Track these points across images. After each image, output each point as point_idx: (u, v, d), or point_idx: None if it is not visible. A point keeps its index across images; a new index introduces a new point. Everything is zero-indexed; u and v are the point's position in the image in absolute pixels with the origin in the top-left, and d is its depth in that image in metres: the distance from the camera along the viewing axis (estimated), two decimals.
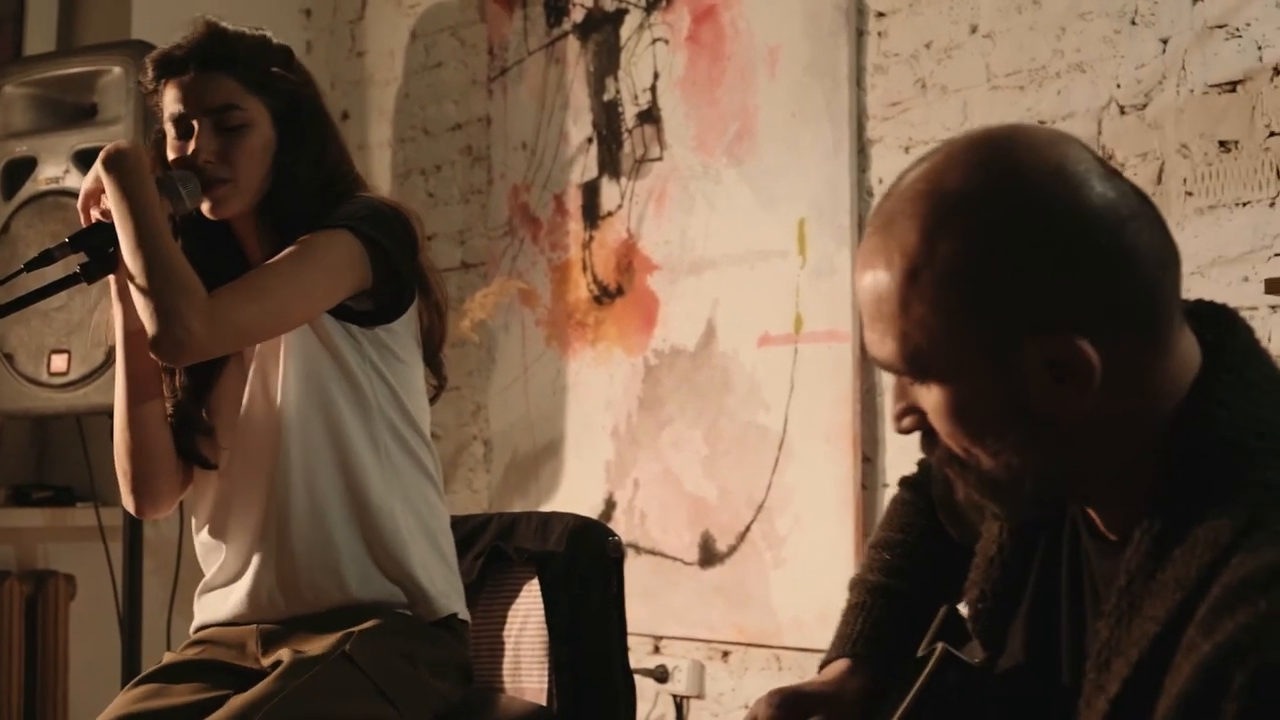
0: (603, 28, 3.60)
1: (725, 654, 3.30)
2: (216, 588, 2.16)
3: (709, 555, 3.30)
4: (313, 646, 2.01)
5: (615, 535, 2.27)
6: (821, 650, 1.58)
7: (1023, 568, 1.32)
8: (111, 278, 2.05)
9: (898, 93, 3.06)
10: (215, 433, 2.14)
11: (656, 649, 3.42)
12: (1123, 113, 2.72)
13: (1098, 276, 1.12)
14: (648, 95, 3.49)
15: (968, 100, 2.95)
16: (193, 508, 2.19)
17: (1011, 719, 1.31)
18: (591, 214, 3.60)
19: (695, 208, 3.38)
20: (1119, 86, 2.72)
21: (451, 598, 2.14)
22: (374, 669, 1.98)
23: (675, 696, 3.36)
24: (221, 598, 2.14)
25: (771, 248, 3.21)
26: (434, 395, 2.23)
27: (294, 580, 2.08)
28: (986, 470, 1.18)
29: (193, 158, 2.06)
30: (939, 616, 1.49)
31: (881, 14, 3.09)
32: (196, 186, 2.06)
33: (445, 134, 4.00)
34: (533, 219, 3.72)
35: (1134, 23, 2.71)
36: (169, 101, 2.09)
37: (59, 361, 3.19)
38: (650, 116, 3.48)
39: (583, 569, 2.24)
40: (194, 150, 2.06)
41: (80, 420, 3.52)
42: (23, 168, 3.29)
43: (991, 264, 1.12)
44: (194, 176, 2.06)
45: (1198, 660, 1.02)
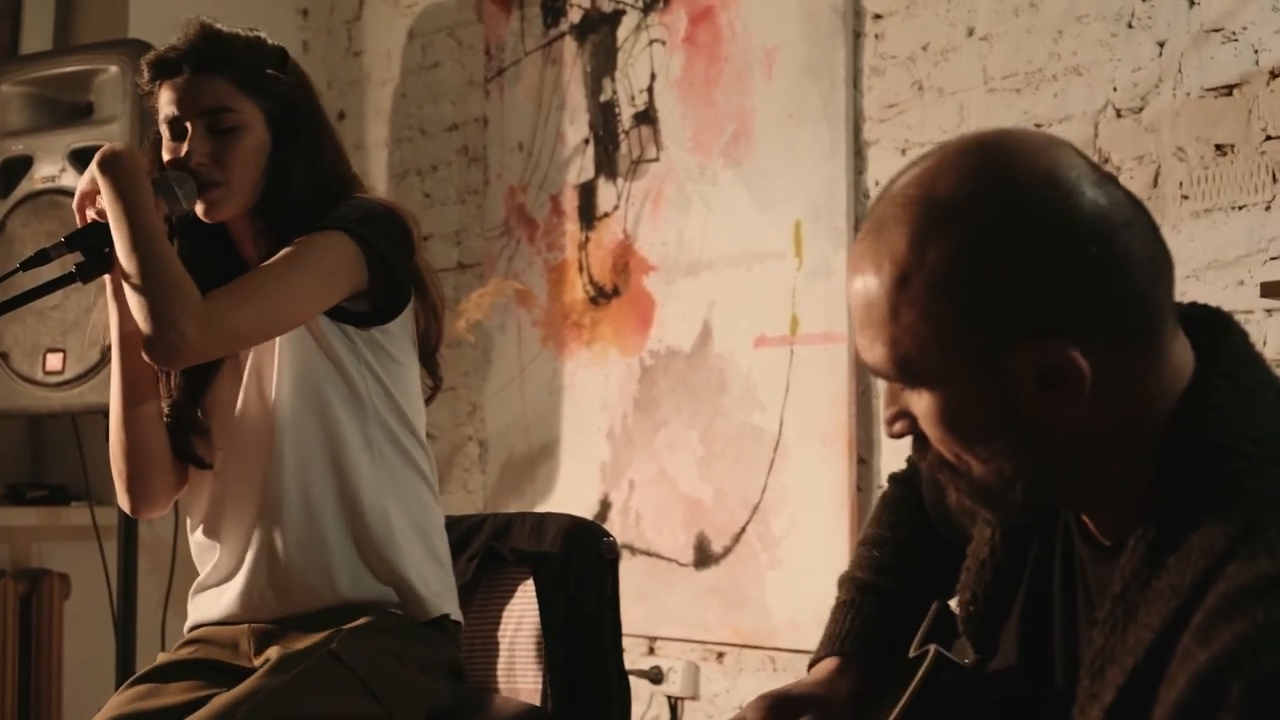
0: (600, 29, 3.60)
1: (720, 655, 3.30)
2: (210, 587, 2.16)
3: (704, 556, 3.30)
4: (304, 645, 2.01)
5: (610, 536, 2.27)
6: None
7: (1015, 571, 1.32)
8: (107, 277, 2.05)
9: (894, 95, 3.06)
10: (210, 433, 2.14)
11: (651, 650, 3.42)
12: (1119, 116, 2.72)
13: (1088, 283, 1.11)
14: (644, 96, 3.49)
15: (964, 102, 2.95)
16: (188, 507, 2.19)
17: None
18: (588, 215, 3.60)
19: (692, 209, 3.37)
20: (1115, 89, 2.73)
21: (444, 598, 2.14)
22: (361, 666, 1.98)
23: (670, 698, 3.36)
24: (215, 597, 2.14)
25: (768, 249, 3.21)
26: (430, 396, 2.23)
27: (286, 580, 2.08)
28: (977, 476, 1.18)
29: (185, 160, 2.06)
30: (930, 614, 1.49)
31: (878, 16, 3.09)
32: (193, 188, 2.05)
33: (442, 134, 4.00)
34: (529, 219, 3.72)
35: (1130, 26, 2.71)
36: (163, 103, 2.09)
37: (54, 360, 3.18)
38: (647, 117, 3.48)
39: (578, 570, 2.24)
40: (187, 152, 2.06)
41: (75, 419, 3.51)
42: (19, 166, 3.28)
43: (981, 271, 1.12)
44: (190, 178, 2.05)
45: (1194, 670, 1.02)
